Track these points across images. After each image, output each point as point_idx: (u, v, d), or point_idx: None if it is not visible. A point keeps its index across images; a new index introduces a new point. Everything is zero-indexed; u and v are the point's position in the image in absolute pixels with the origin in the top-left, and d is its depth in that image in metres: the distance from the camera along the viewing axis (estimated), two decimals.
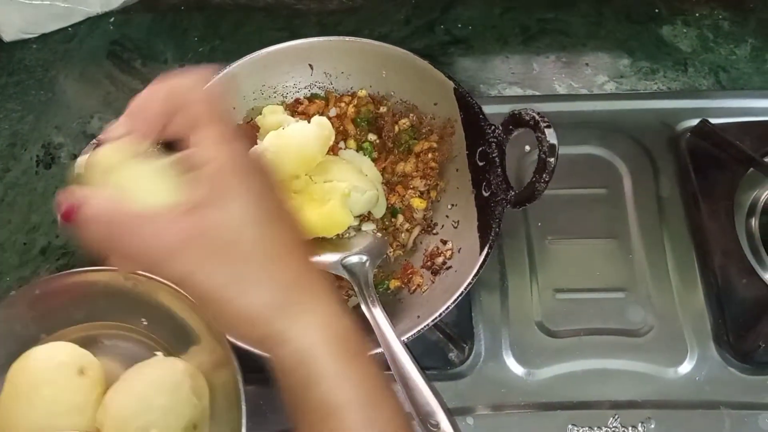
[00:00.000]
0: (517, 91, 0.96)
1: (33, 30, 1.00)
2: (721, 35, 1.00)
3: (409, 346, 0.64)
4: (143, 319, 0.73)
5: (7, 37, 0.99)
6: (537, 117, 0.66)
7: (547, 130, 0.65)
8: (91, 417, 0.66)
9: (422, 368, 0.75)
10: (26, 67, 0.99)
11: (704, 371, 0.75)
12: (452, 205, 0.78)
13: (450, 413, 0.58)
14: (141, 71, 0.99)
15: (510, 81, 0.97)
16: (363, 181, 0.75)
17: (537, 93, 0.95)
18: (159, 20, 1.03)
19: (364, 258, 0.72)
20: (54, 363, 0.66)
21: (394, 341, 0.62)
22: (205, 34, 1.02)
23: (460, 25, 1.02)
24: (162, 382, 0.66)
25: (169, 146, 0.45)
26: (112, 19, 1.03)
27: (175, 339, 0.71)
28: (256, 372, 0.74)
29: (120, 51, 1.01)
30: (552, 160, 0.64)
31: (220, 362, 0.67)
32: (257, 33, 1.02)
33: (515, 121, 0.69)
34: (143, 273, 0.67)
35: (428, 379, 0.59)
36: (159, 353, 0.70)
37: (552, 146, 0.64)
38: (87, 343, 0.71)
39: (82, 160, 0.62)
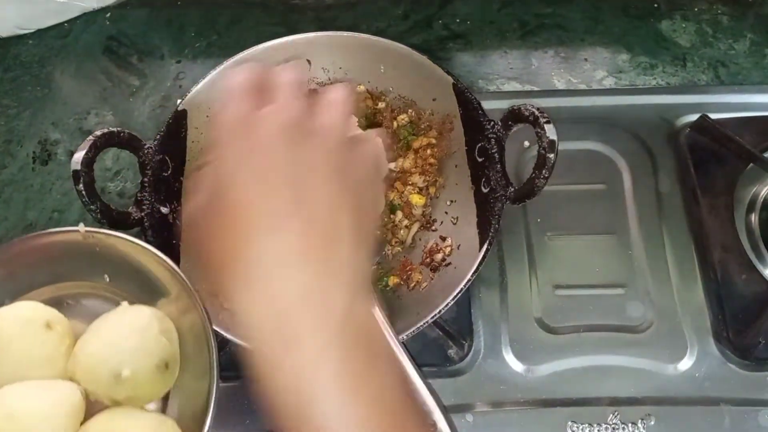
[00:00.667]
0: (515, 86, 0.95)
1: (29, 25, 1.00)
2: (720, 30, 1.00)
3: (408, 343, 0.64)
4: (106, 276, 0.73)
5: (3, 33, 0.99)
6: (536, 112, 0.65)
7: (546, 126, 0.64)
8: (62, 368, 0.67)
9: (421, 365, 0.75)
10: (22, 63, 0.99)
11: (704, 367, 0.75)
12: (451, 201, 0.78)
13: (447, 413, 0.57)
14: (137, 67, 0.99)
15: (508, 76, 0.96)
16: None
17: (536, 88, 0.95)
18: (155, 15, 1.03)
19: None
20: (20, 319, 0.67)
21: (391, 341, 0.62)
22: (201, 30, 1.02)
23: (458, 20, 1.01)
24: (130, 325, 0.67)
25: None
26: (108, 15, 1.02)
27: (140, 291, 0.72)
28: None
29: (116, 46, 1.00)
30: (552, 155, 0.64)
31: (186, 308, 0.67)
32: (254, 28, 1.01)
33: (515, 116, 0.69)
34: (103, 230, 0.69)
35: (426, 379, 0.59)
36: (124, 303, 0.70)
37: (552, 142, 0.64)
38: (51, 304, 0.70)
39: (78, 156, 0.62)
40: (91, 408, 0.66)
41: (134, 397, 0.66)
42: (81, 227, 0.69)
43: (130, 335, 0.66)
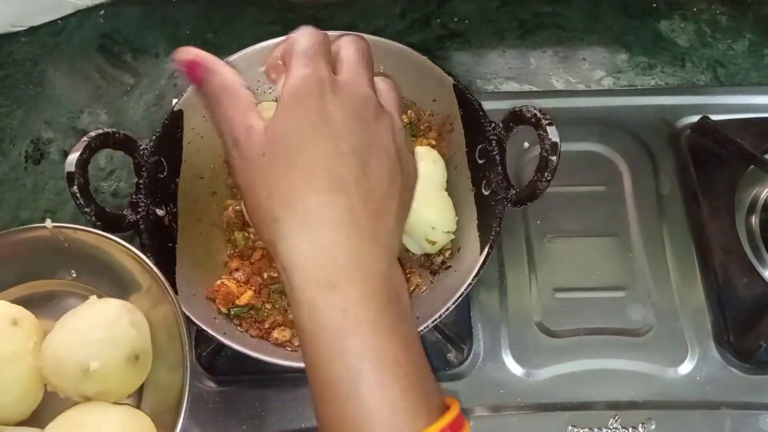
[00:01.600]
0: (514, 86, 0.95)
1: (22, 23, 0.99)
2: (719, 30, 0.99)
3: None
4: (72, 271, 0.73)
5: None
6: (539, 114, 0.65)
7: (548, 128, 0.64)
8: (30, 364, 0.66)
9: None
10: (15, 61, 0.98)
11: (705, 371, 0.75)
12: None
13: None
14: (131, 65, 0.97)
15: (507, 76, 0.96)
16: None
17: (534, 88, 0.94)
18: (150, 13, 1.02)
19: None
20: None
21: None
22: (197, 27, 1.00)
23: (456, 19, 1.00)
24: (97, 318, 0.66)
25: None
26: (102, 12, 1.01)
27: (110, 285, 0.71)
28: (254, 374, 0.74)
29: (110, 44, 0.99)
30: (554, 158, 0.63)
31: (157, 299, 0.67)
32: (250, 26, 1.00)
33: (516, 118, 0.68)
34: (71, 225, 0.69)
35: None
36: (93, 297, 0.70)
37: (554, 144, 0.63)
38: (21, 303, 0.70)
39: (72, 158, 0.61)
40: (62, 406, 0.66)
41: (104, 392, 0.65)
42: (48, 223, 0.69)
43: (98, 327, 0.65)
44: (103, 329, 0.65)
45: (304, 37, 0.45)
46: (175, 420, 0.62)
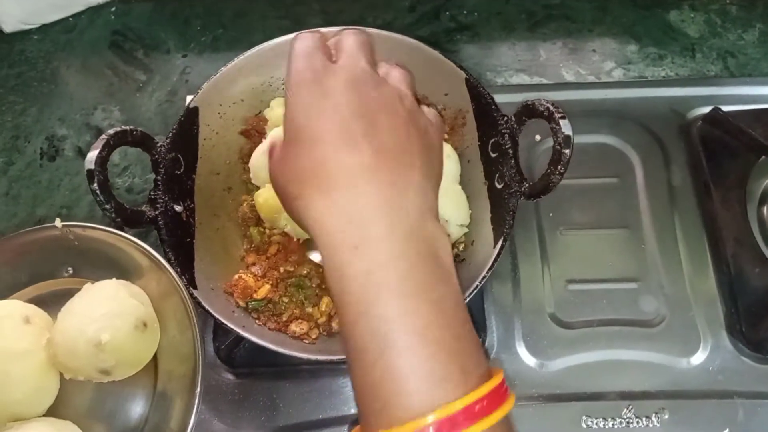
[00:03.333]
0: (524, 78, 0.95)
1: (33, 20, 0.99)
2: (729, 20, 0.99)
3: None
4: (69, 269, 0.76)
5: (7, 28, 0.98)
6: (551, 108, 0.65)
7: (561, 121, 0.64)
8: (43, 359, 0.68)
9: None
10: (27, 59, 0.98)
11: (717, 361, 0.75)
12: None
13: None
14: (143, 61, 0.98)
15: (517, 68, 0.96)
16: None
17: (544, 80, 0.95)
18: (160, 9, 1.02)
19: None
20: None
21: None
22: (207, 23, 1.01)
23: (465, 12, 1.01)
24: (97, 296, 0.69)
25: None
26: (113, 9, 1.02)
27: (116, 278, 0.74)
28: (271, 366, 0.75)
29: (122, 41, 1.00)
30: (567, 151, 0.63)
31: (166, 291, 0.70)
32: (260, 21, 1.00)
33: (528, 111, 0.68)
34: (80, 224, 0.73)
35: None
36: (87, 284, 0.72)
37: (567, 137, 0.63)
38: (34, 303, 0.73)
39: (92, 155, 0.62)
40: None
41: (122, 363, 0.68)
42: (58, 222, 0.71)
43: (100, 304, 0.68)
44: (105, 304, 0.68)
45: (299, 42, 0.47)
46: (190, 410, 0.65)
